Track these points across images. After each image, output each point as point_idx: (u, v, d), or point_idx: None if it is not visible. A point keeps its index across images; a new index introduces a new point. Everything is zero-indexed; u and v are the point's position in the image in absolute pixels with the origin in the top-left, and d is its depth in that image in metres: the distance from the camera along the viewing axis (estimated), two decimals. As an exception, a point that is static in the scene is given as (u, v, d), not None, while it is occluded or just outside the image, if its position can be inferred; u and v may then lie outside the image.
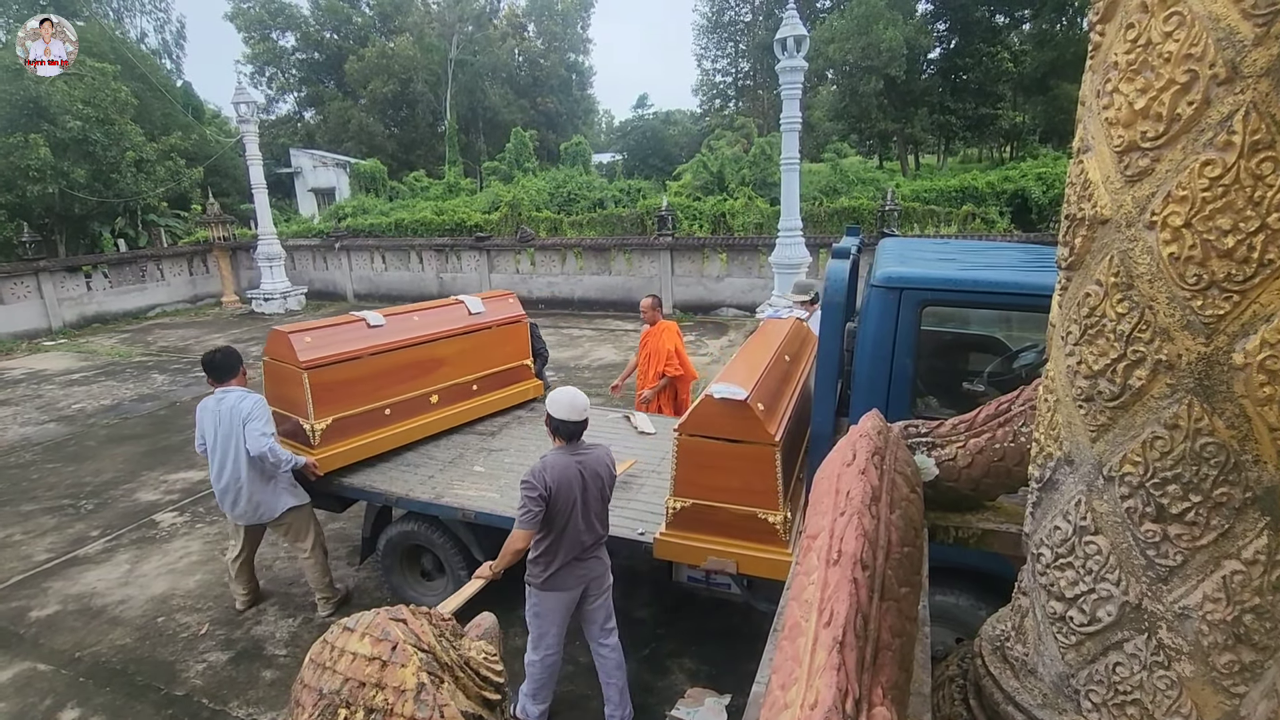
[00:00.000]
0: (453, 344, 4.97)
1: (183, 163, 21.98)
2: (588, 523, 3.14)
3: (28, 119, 16.77)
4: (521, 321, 5.64)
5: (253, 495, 4.12)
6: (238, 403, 4.03)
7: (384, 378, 4.52)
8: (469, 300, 5.29)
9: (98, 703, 3.78)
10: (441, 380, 4.92)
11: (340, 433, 4.32)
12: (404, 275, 16.74)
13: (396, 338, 4.60)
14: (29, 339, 13.93)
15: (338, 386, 4.28)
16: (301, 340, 4.18)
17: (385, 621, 1.14)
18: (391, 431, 4.61)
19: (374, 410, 4.49)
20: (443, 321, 4.98)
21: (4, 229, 16.77)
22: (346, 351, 4.33)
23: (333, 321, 4.56)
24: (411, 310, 5.00)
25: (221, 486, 4.15)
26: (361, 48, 39.46)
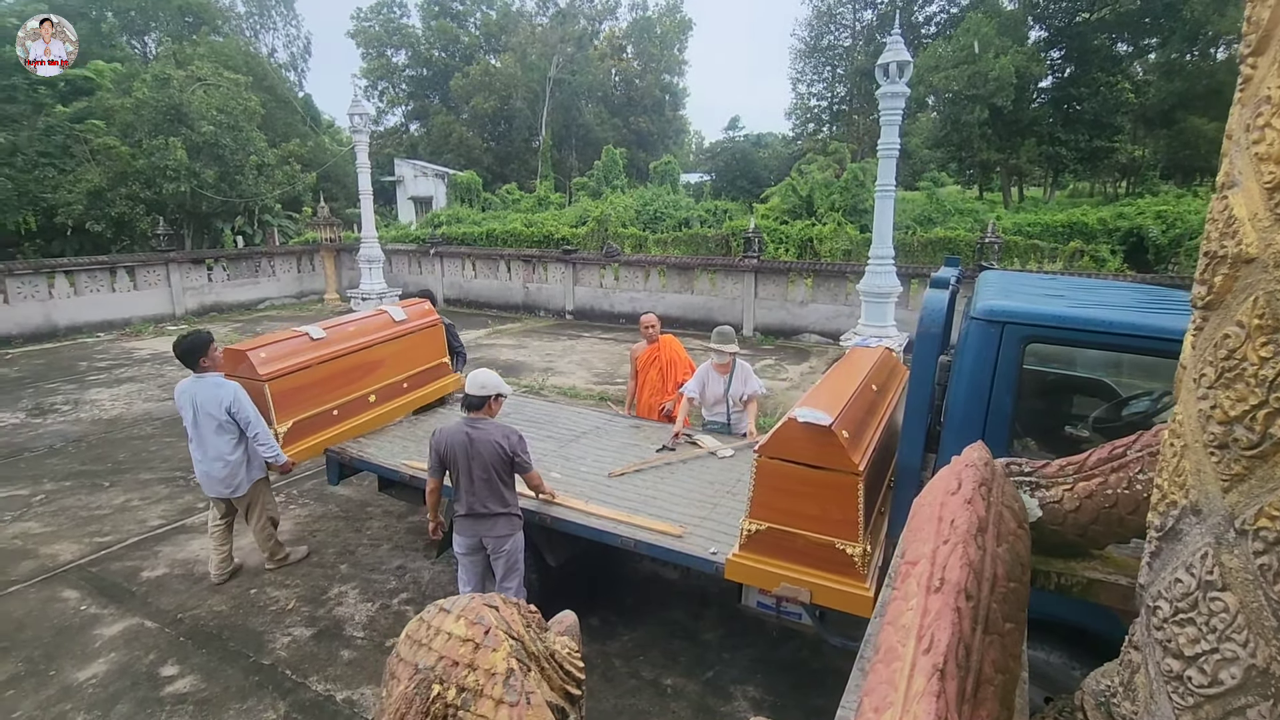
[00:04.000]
0: (384, 348, 5.60)
1: (299, 168, 23.71)
2: (473, 484, 3.71)
3: (169, 124, 18.51)
4: (437, 325, 6.23)
5: (232, 473, 4.59)
6: (215, 388, 4.44)
7: (330, 382, 5.15)
8: (392, 309, 5.96)
9: (194, 663, 4.07)
10: (378, 381, 5.53)
11: (299, 433, 4.90)
12: (491, 283, 17.33)
13: (338, 346, 5.24)
14: (155, 323, 15.28)
15: (293, 393, 4.86)
16: (258, 356, 4.75)
17: (480, 606, 1.19)
18: (340, 429, 5.22)
19: (324, 411, 5.10)
20: (374, 329, 5.62)
21: (142, 222, 18.50)
22: (299, 362, 4.94)
23: (281, 337, 5.16)
24: (346, 321, 5.65)
25: (203, 465, 4.58)
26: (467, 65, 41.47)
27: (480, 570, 3.96)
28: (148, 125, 18.47)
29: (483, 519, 3.76)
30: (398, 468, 4.80)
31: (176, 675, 3.96)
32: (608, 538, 3.90)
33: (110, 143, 18.02)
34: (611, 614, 4.51)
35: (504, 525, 3.80)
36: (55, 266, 14.33)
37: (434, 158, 39.45)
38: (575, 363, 11.63)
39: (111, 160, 17.86)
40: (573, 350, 12.66)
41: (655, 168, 31.31)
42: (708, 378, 5.52)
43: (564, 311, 16.18)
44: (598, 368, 11.31)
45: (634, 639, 4.30)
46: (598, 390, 9.78)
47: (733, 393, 5.47)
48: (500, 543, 3.80)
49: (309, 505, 6.20)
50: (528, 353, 12.41)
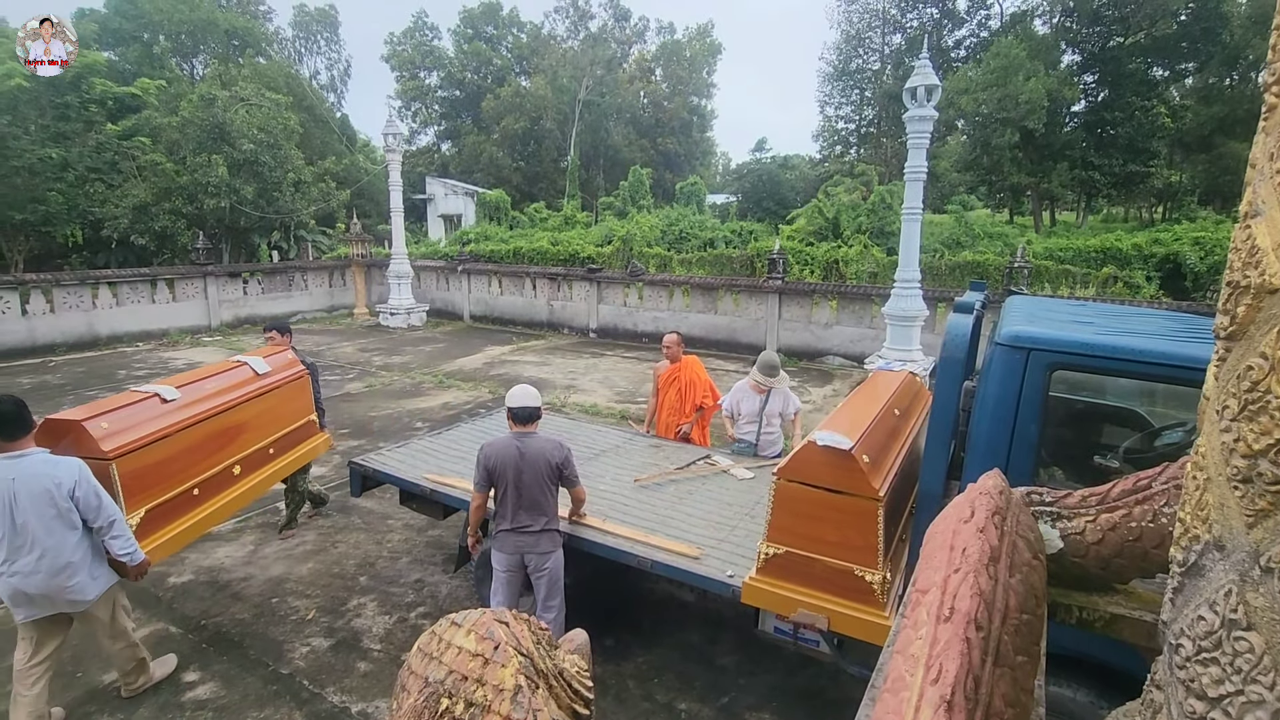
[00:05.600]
0: (248, 408, 4.69)
1: (334, 185, 24.30)
2: (520, 498, 3.69)
3: (213, 141, 19.14)
4: (304, 377, 5.35)
5: (71, 578, 3.32)
6: (49, 468, 3.24)
7: (189, 455, 4.17)
8: (253, 361, 5.02)
9: (215, 669, 4.13)
10: (242, 449, 4.63)
11: (154, 523, 3.87)
12: (517, 300, 17.51)
13: (196, 410, 4.26)
14: (191, 334, 15.69)
15: (146, 472, 3.83)
16: (98, 426, 3.64)
17: (490, 621, 1.20)
18: (202, 514, 4.24)
19: (184, 493, 4.10)
20: (234, 386, 4.69)
21: (183, 236, 19.09)
22: (152, 432, 3.89)
23: (125, 401, 4.02)
24: (202, 377, 4.63)
25: (23, 577, 3.24)
26: (499, 87, 42.32)
27: (517, 587, 3.94)
28: (192, 143, 19.12)
29: (526, 535, 3.76)
30: (419, 481, 4.83)
31: (197, 681, 4.02)
32: (624, 557, 3.89)
33: (156, 159, 18.67)
34: (627, 634, 4.47)
35: (547, 542, 3.79)
36: (100, 278, 14.84)
37: (464, 176, 40.19)
38: (597, 380, 11.67)
39: (157, 176, 18.49)
40: (595, 368, 12.71)
41: (681, 188, 31.55)
42: (742, 395, 5.57)
43: (588, 329, 16.28)
44: (619, 386, 11.33)
45: (649, 661, 4.26)
46: (619, 409, 9.79)
47: (768, 411, 5.47)
48: (542, 560, 3.79)
49: (332, 517, 6.27)
50: (551, 370, 12.49)
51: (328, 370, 12.27)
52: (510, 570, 3.86)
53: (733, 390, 5.76)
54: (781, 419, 5.58)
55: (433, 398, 10.42)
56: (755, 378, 5.43)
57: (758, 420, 5.50)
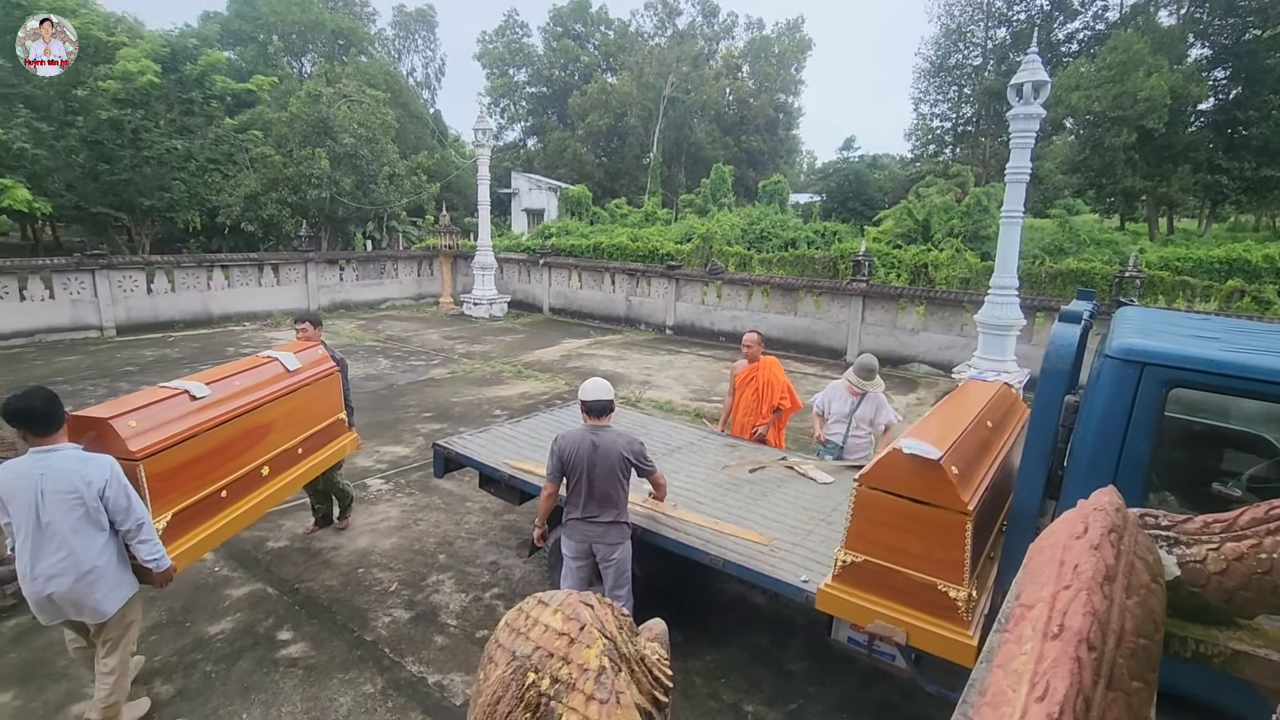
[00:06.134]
0: (277, 407, 4.53)
1: (425, 178, 25.30)
2: (592, 490, 3.75)
3: (317, 135, 20.31)
4: (334, 374, 5.18)
5: (94, 586, 3.15)
6: (79, 465, 3.09)
7: (218, 455, 4.01)
8: (283, 356, 4.83)
9: (306, 630, 4.40)
10: (270, 449, 4.47)
11: (181, 527, 3.71)
12: (595, 294, 17.74)
13: (226, 408, 4.11)
14: (292, 316, 16.69)
15: (175, 473, 3.68)
16: (126, 425, 3.47)
17: (576, 602, 1.22)
18: (230, 516, 4.09)
19: (211, 495, 3.95)
20: (264, 383, 4.51)
21: (287, 224, 20.37)
22: (180, 431, 3.73)
23: (154, 397, 3.85)
24: (231, 373, 4.45)
25: (45, 579, 3.07)
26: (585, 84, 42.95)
27: (586, 576, 4.02)
28: (299, 137, 20.36)
29: (595, 525, 3.81)
30: (498, 466, 4.98)
31: (290, 640, 4.29)
32: (696, 554, 3.88)
33: (267, 152, 19.98)
34: (695, 631, 4.47)
35: (615, 533, 3.85)
36: (214, 261, 16.05)
37: (548, 172, 41.04)
38: (672, 378, 11.69)
39: (266, 167, 19.78)
40: (671, 365, 12.73)
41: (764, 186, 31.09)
42: (835, 394, 5.55)
43: (664, 326, 16.32)
44: (694, 384, 11.31)
45: (716, 660, 4.24)
46: (693, 407, 9.77)
47: (859, 415, 5.41)
48: (610, 550, 3.85)
49: (414, 495, 6.55)
50: (627, 365, 12.60)
51: (413, 356, 12.82)
52: (579, 559, 3.93)
53: (826, 389, 5.75)
54: (872, 426, 5.47)
55: (511, 387, 10.70)
56: (850, 379, 5.38)
57: (846, 422, 5.43)
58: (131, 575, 3.33)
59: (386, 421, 8.78)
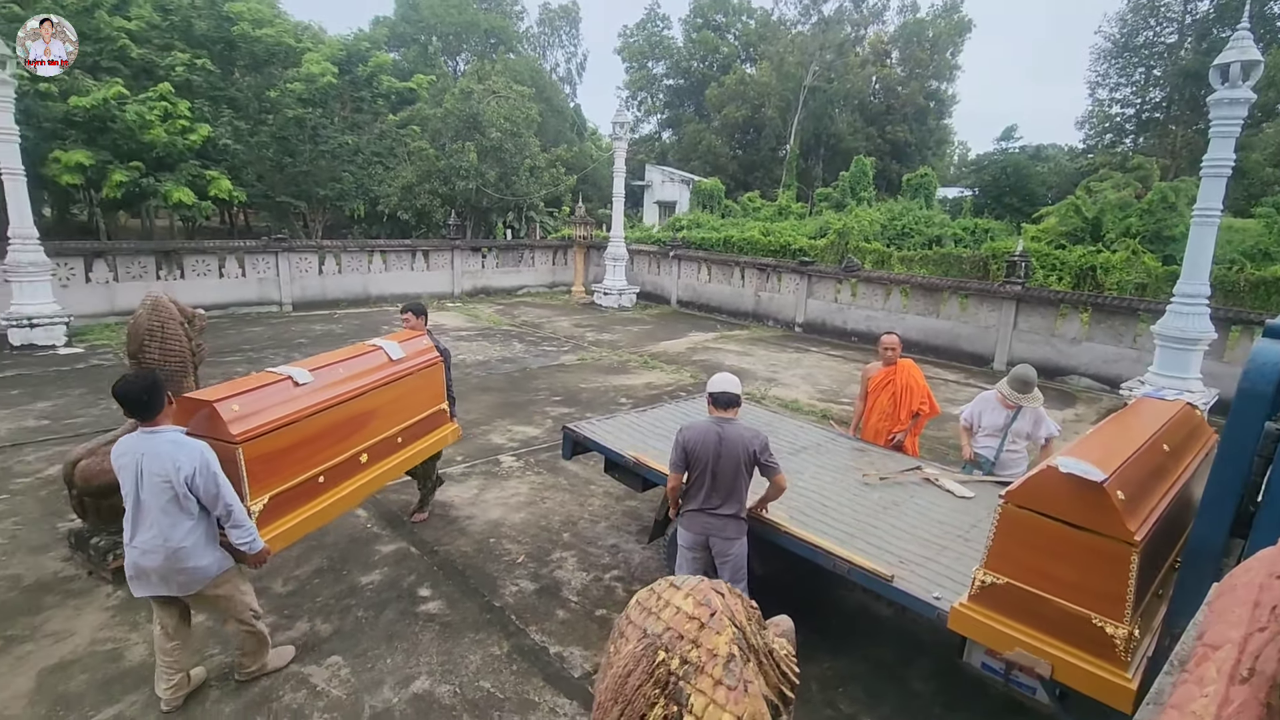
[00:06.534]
0: (379, 395, 4.55)
1: (563, 171, 26.27)
2: (715, 481, 3.73)
3: (467, 130, 21.64)
4: (437, 364, 5.20)
5: (180, 565, 3.30)
6: (173, 448, 3.22)
7: (317, 441, 4.06)
8: (387, 345, 4.87)
9: (443, 590, 4.74)
10: (370, 436, 4.50)
11: (276, 511, 3.80)
12: (724, 289, 17.64)
13: (327, 395, 4.16)
14: (437, 299, 17.98)
15: (274, 458, 3.76)
16: (229, 409, 3.58)
17: (708, 589, 1.23)
18: (326, 502, 4.15)
19: (309, 480, 4.00)
20: (367, 371, 4.56)
21: (437, 213, 21.92)
22: (281, 416, 3.81)
23: (256, 383, 3.96)
24: (335, 361, 4.51)
25: (139, 554, 3.28)
26: (723, 75, 42.61)
27: (701, 569, 3.99)
28: (451, 131, 21.81)
29: (714, 517, 3.79)
30: (624, 452, 5.09)
31: (429, 598, 4.65)
32: (820, 558, 3.78)
33: (423, 146, 21.58)
34: (814, 636, 4.35)
35: (734, 527, 3.82)
36: (374, 246, 17.59)
37: (681, 164, 41.20)
38: (800, 376, 11.40)
39: (421, 160, 21.37)
40: (798, 363, 12.42)
41: (909, 180, 29.45)
42: (985, 406, 5.23)
43: (794, 323, 15.94)
44: (823, 384, 10.97)
45: (835, 668, 4.11)
46: (820, 407, 9.48)
47: (1015, 429, 5.06)
48: (728, 545, 3.82)
49: (542, 475, 6.85)
50: (753, 361, 12.44)
51: (546, 342, 13.37)
52: (694, 550, 3.93)
53: (975, 400, 5.40)
54: (1029, 440, 5.08)
55: (637, 376, 10.90)
56: (1004, 391, 5.03)
57: (1000, 436, 5.07)
58: (222, 553, 3.43)
59: (519, 403, 9.23)
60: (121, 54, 18.27)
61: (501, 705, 3.68)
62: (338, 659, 3.99)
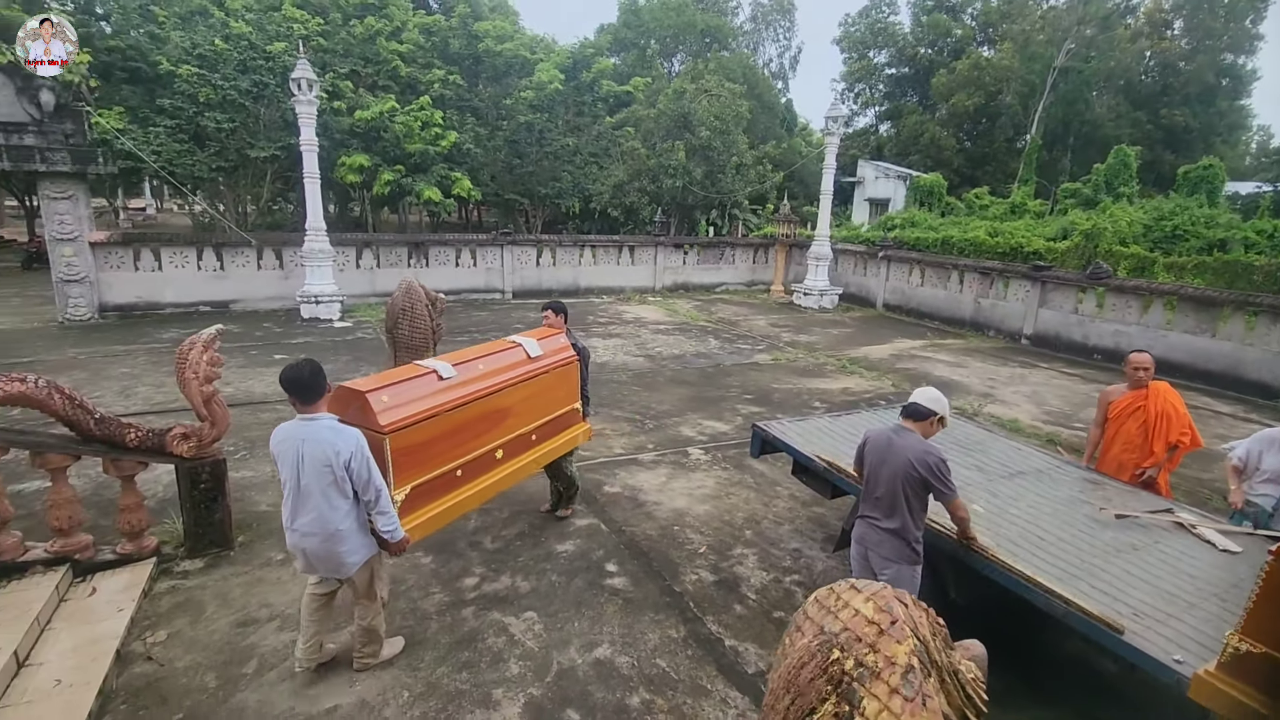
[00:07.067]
0: (516, 391, 4.63)
1: (770, 168, 25.95)
2: (875, 490, 3.56)
3: (677, 129, 22.21)
4: (573, 363, 5.18)
5: (335, 548, 3.46)
6: (332, 434, 3.37)
7: (457, 435, 4.17)
8: (526, 343, 4.92)
9: (628, 568, 5.00)
10: (506, 433, 4.58)
11: (416, 501, 3.94)
12: (938, 293, 16.33)
13: (468, 390, 4.26)
14: (639, 293, 18.77)
15: (417, 450, 3.89)
16: (379, 400, 3.72)
17: (891, 597, 1.20)
18: (462, 495, 4.26)
19: (448, 473, 4.14)
20: (506, 368, 4.63)
21: (644, 210, 22.83)
22: (426, 409, 3.93)
23: (405, 375, 4.10)
24: (476, 356, 4.59)
25: (299, 536, 3.46)
26: (954, 60, 39.17)
27: (870, 577, 3.86)
28: (662, 131, 22.55)
29: (872, 529, 3.60)
30: (813, 456, 4.96)
31: (615, 573, 4.93)
32: (1033, 595, 3.40)
33: (635, 146, 22.57)
34: (1015, 680, 3.93)
35: (891, 547, 3.54)
36: (585, 241, 18.82)
37: (899, 159, 38.69)
38: (1023, 394, 10.23)
39: (633, 159, 22.36)
40: (1022, 379, 11.15)
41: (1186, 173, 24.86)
42: (1270, 446, 4.46)
43: (1019, 334, 14.32)
44: (1050, 405, 9.74)
45: (1040, 719, 3.68)
46: (1046, 430, 8.44)
47: None
48: (884, 564, 3.55)
49: (728, 470, 6.90)
50: (966, 373, 11.40)
51: (741, 340, 13.39)
52: (858, 560, 3.75)
53: (1254, 438, 4.59)
54: None
55: (833, 381, 10.52)
56: None
57: None
58: (372, 539, 3.59)
59: (711, 398, 9.37)
60: (393, 73, 21.38)
61: (675, 686, 3.81)
62: (532, 615, 4.39)
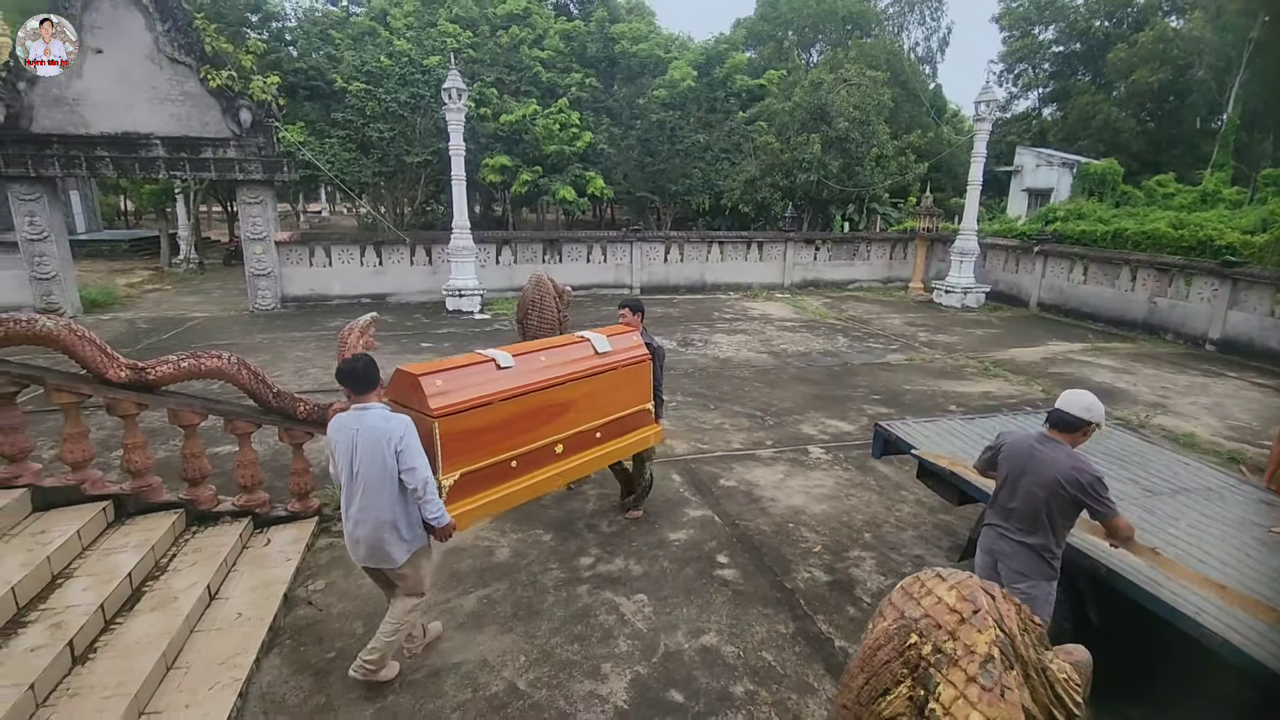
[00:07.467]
0: (580, 387, 4.53)
1: (913, 159, 24.57)
2: (1012, 500, 3.29)
3: (813, 121, 21.55)
4: (645, 362, 5.06)
5: (386, 536, 3.48)
6: (383, 422, 3.41)
7: (512, 425, 4.12)
8: (595, 338, 4.82)
9: (739, 560, 5.00)
10: (567, 427, 4.49)
11: (466, 488, 3.91)
12: (1104, 292, 14.76)
13: (526, 381, 4.19)
14: (767, 290, 18.46)
15: (468, 436, 3.86)
16: (432, 384, 3.72)
17: (976, 586, 1.17)
18: (516, 486, 4.21)
19: (501, 462, 4.09)
20: (570, 362, 4.55)
21: (776, 206, 22.38)
22: (477, 397, 3.90)
23: (462, 362, 4.10)
24: (540, 349, 4.54)
25: (351, 525, 3.50)
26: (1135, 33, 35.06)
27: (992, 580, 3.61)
28: (797, 124, 21.97)
29: (1004, 540, 3.33)
30: (940, 459, 4.71)
31: (726, 565, 4.95)
32: (1183, 621, 3.05)
33: (769, 140, 22.17)
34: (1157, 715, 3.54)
35: (1025, 562, 3.26)
36: (713, 238, 18.78)
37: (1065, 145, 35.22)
38: (1203, 406, 9.05)
39: (766, 154, 21.99)
40: (1204, 389, 9.86)
41: None
42: None
43: (1203, 339, 12.64)
44: (1236, 418, 8.54)
45: None
46: (1228, 447, 7.43)
47: None
48: (1015, 578, 3.27)
49: (850, 471, 6.68)
50: (1133, 380, 10.25)
51: (872, 338, 12.83)
52: (985, 570, 3.46)
53: None
54: None
55: (973, 384, 9.84)
56: None
57: None
58: (421, 531, 3.58)
59: (835, 397, 9.08)
60: (534, 79, 22.45)
61: (780, 680, 3.77)
62: (643, 597, 4.51)
